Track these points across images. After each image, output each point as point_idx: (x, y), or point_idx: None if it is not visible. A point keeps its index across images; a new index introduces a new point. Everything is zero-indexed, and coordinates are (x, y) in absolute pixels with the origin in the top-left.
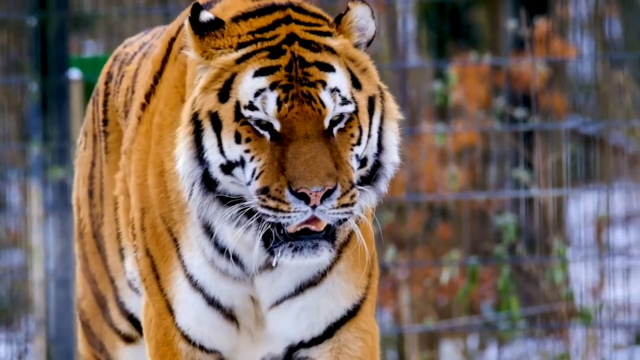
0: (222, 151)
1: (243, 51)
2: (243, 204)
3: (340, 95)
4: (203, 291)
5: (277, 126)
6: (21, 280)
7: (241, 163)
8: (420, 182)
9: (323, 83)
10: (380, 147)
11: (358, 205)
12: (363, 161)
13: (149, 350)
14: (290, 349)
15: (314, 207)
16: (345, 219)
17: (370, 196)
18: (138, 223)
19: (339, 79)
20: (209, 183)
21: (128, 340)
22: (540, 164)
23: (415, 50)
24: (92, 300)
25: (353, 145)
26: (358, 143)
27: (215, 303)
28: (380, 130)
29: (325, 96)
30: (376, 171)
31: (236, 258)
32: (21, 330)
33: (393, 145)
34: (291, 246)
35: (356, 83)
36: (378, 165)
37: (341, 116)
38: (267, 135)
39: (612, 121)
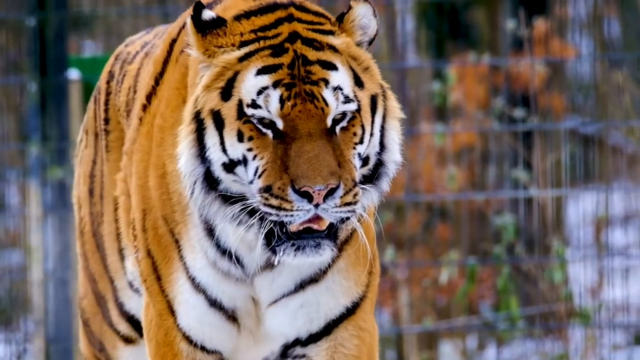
0: (225, 150)
1: (245, 49)
2: (245, 203)
3: (342, 93)
4: (205, 292)
5: (280, 124)
6: (20, 280)
7: (243, 161)
8: (419, 182)
9: (326, 81)
10: (382, 146)
11: (360, 203)
12: (365, 160)
13: (150, 350)
14: (285, 347)
15: (317, 206)
16: (348, 218)
17: (372, 195)
18: (139, 224)
19: (342, 78)
20: (211, 182)
21: (127, 341)
22: (539, 164)
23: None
24: (92, 299)
25: (356, 143)
26: (360, 142)
27: (217, 304)
28: (382, 128)
29: (328, 94)
30: (378, 170)
31: (237, 258)
32: (20, 330)
33: (395, 144)
34: (293, 245)
35: (358, 81)
36: (380, 164)
37: (344, 115)
38: (270, 133)
39: (611, 121)
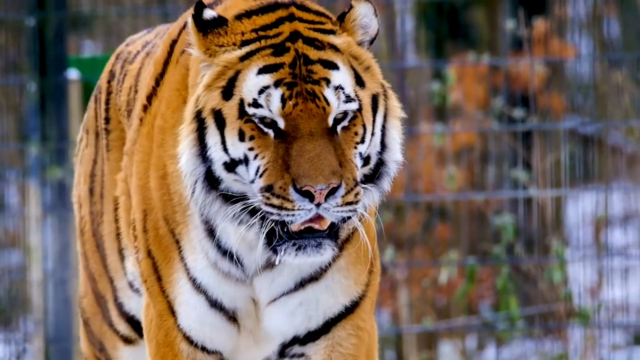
0: (226, 149)
1: (247, 49)
2: (246, 202)
3: (344, 92)
4: (206, 293)
5: (282, 124)
6: (19, 280)
7: (245, 161)
8: (418, 182)
9: (327, 81)
10: (383, 145)
11: (362, 203)
12: (366, 159)
13: (150, 351)
14: (283, 346)
15: (318, 205)
16: (349, 217)
17: (373, 194)
18: (140, 225)
19: (343, 77)
20: (212, 181)
21: (127, 341)
22: (538, 164)
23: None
24: (92, 299)
25: (357, 143)
26: (362, 141)
27: (218, 305)
28: (383, 128)
29: (329, 94)
30: (379, 169)
31: (237, 259)
32: (19, 330)
33: (396, 143)
34: (295, 245)
35: (360, 81)
36: (381, 163)
37: (345, 114)
38: (271, 133)
39: (611, 121)
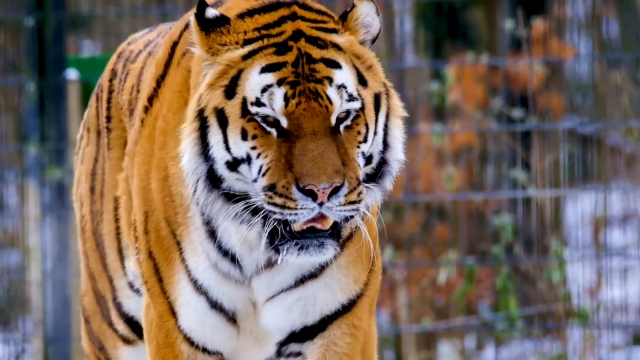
0: (228, 148)
1: (249, 47)
2: (248, 201)
3: (346, 91)
4: (207, 294)
5: (284, 123)
6: (18, 280)
7: (247, 160)
8: (417, 182)
9: (330, 79)
10: (385, 145)
11: (364, 202)
12: (369, 158)
13: (150, 351)
14: (280, 344)
15: (321, 204)
16: (352, 216)
17: (375, 194)
18: (141, 226)
19: (346, 76)
20: (214, 180)
21: (126, 341)
22: (537, 164)
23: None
24: (93, 297)
25: (360, 142)
26: (364, 140)
27: (218, 306)
28: (385, 127)
29: (332, 93)
30: (382, 168)
31: (237, 259)
32: (18, 330)
33: (398, 142)
34: (297, 244)
35: (362, 80)
36: (383, 162)
37: (348, 113)
38: (274, 131)
39: (610, 121)
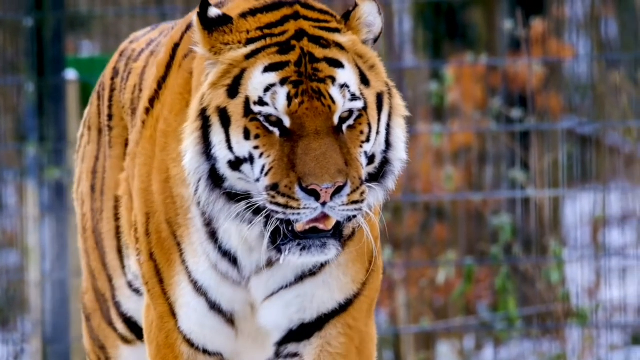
0: (231, 147)
1: (252, 47)
2: (250, 201)
3: (349, 91)
4: (206, 295)
5: (287, 122)
6: (17, 280)
7: (250, 159)
8: (416, 183)
9: (332, 79)
10: (388, 144)
11: (367, 202)
12: (371, 158)
13: (150, 352)
14: (278, 345)
15: (324, 204)
16: (354, 216)
17: (378, 193)
18: (142, 228)
19: (348, 75)
20: (216, 179)
21: (125, 341)
22: (536, 165)
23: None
24: (93, 296)
25: (362, 142)
26: (367, 140)
27: (216, 307)
28: (388, 127)
29: (334, 92)
30: (384, 168)
31: (236, 260)
32: (17, 330)
33: (400, 142)
34: (299, 245)
35: (365, 80)
36: (386, 162)
37: (350, 112)
38: (277, 131)
39: (609, 121)
